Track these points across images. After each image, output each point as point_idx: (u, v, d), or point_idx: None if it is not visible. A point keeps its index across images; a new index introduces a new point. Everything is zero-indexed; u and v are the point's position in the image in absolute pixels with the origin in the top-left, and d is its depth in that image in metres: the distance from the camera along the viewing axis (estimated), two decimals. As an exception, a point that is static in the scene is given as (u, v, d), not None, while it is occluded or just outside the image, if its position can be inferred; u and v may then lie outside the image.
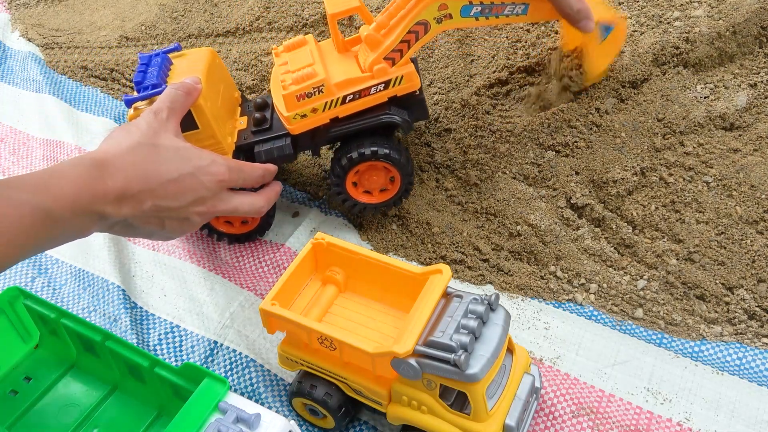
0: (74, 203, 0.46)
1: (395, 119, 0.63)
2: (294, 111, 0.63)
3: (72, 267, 0.73)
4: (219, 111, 0.66)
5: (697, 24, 0.73)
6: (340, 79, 0.62)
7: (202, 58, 0.66)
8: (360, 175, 0.67)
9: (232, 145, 0.67)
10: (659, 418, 0.54)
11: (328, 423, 0.55)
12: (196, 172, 0.53)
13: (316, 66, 0.63)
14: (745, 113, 0.69)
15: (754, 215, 0.64)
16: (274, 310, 0.51)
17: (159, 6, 1.11)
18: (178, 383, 0.52)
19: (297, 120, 0.63)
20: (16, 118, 0.97)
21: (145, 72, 0.64)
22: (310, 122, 0.64)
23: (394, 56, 0.62)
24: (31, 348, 0.62)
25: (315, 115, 0.63)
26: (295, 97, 0.62)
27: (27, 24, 1.16)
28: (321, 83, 0.61)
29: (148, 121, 0.54)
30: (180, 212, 0.53)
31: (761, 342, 0.58)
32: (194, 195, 0.53)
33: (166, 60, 0.66)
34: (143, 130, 0.53)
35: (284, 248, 0.72)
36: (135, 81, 0.63)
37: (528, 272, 0.66)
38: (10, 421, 0.57)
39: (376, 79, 0.62)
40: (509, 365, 0.51)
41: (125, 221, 0.50)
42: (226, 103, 0.69)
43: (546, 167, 0.71)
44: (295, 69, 0.64)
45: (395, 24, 0.61)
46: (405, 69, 0.62)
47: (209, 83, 0.64)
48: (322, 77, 0.61)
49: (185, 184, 0.53)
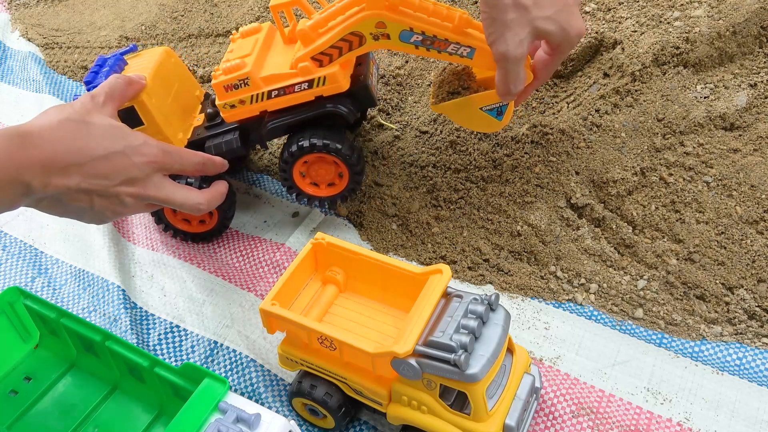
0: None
1: (339, 109, 0.63)
2: (224, 100, 0.63)
3: (72, 267, 0.73)
4: (169, 108, 0.66)
5: (697, 24, 0.73)
6: (267, 73, 0.62)
7: (154, 57, 0.67)
8: (309, 166, 0.67)
9: (184, 141, 0.67)
10: (659, 418, 0.54)
11: (328, 423, 0.55)
12: (126, 151, 0.52)
13: (249, 58, 0.63)
14: (745, 113, 0.69)
15: (754, 215, 0.64)
16: (274, 310, 0.51)
17: (159, 6, 1.11)
18: (178, 383, 0.52)
19: (227, 110, 0.64)
20: (16, 118, 0.97)
21: (98, 72, 0.65)
22: (240, 113, 0.64)
23: (323, 59, 0.60)
24: (31, 348, 0.62)
25: (244, 107, 0.63)
26: (223, 87, 0.62)
27: (27, 24, 1.16)
28: (246, 76, 0.61)
29: (82, 102, 0.54)
30: (109, 190, 0.52)
31: (761, 342, 0.58)
32: (125, 174, 0.52)
33: (119, 60, 0.66)
34: (76, 109, 0.53)
35: (284, 248, 0.72)
36: (85, 81, 0.64)
37: (528, 272, 0.66)
38: (10, 421, 0.57)
39: (300, 77, 0.61)
40: (509, 365, 0.51)
41: (52, 196, 0.50)
42: (181, 100, 0.69)
43: (544, 172, 0.71)
44: (233, 57, 0.63)
45: (331, 27, 0.60)
46: (328, 70, 0.61)
47: (159, 80, 0.65)
48: (247, 70, 0.61)
49: (115, 162, 0.52)
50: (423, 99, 0.83)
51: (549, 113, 0.77)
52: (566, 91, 0.78)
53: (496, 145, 0.73)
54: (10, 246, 0.76)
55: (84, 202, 0.52)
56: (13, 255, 0.75)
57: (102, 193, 0.52)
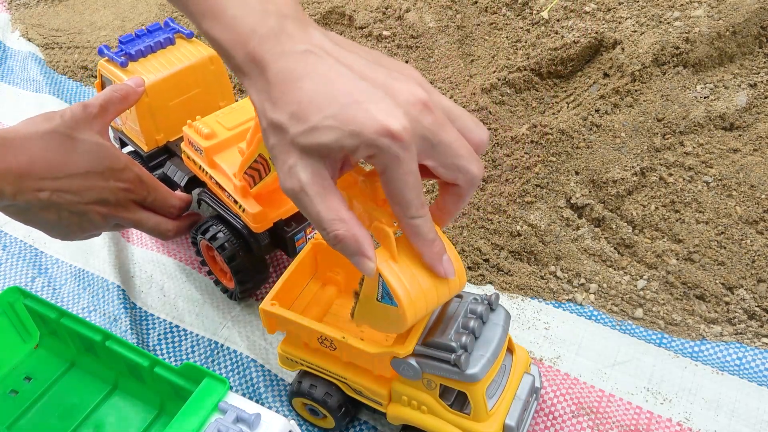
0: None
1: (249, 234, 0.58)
2: (185, 147, 0.62)
3: (72, 267, 0.73)
4: (169, 107, 0.65)
5: (697, 24, 0.73)
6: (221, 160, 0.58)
7: (192, 57, 0.66)
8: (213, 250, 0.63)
9: (157, 142, 0.67)
10: (659, 418, 0.54)
11: (328, 423, 0.55)
12: (105, 173, 0.52)
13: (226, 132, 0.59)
14: (745, 113, 0.69)
15: (754, 215, 0.64)
16: (274, 310, 0.51)
17: (159, 6, 1.11)
18: (178, 383, 0.52)
19: (185, 156, 0.62)
20: (16, 118, 0.97)
21: (141, 37, 0.63)
22: (192, 167, 0.62)
23: (249, 181, 0.56)
24: (31, 348, 0.62)
25: (194, 166, 0.62)
26: (187, 137, 0.60)
27: (27, 24, 1.16)
28: (201, 148, 0.59)
29: (73, 112, 0.53)
30: (79, 207, 0.52)
31: (761, 342, 0.58)
32: (97, 195, 0.52)
33: (169, 39, 0.66)
34: (65, 120, 0.52)
35: (284, 248, 0.72)
36: (120, 39, 0.63)
37: (528, 272, 0.66)
38: (10, 421, 0.56)
39: (234, 190, 0.57)
40: (509, 365, 0.51)
41: (21, 206, 0.49)
42: (195, 106, 0.67)
43: (544, 172, 0.71)
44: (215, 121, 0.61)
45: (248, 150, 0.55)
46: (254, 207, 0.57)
47: (179, 79, 0.64)
48: (206, 144, 0.58)
49: (90, 182, 0.51)
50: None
51: (549, 113, 0.77)
52: (566, 91, 0.78)
53: (496, 145, 0.73)
54: (10, 246, 0.76)
55: (52, 214, 0.51)
56: (13, 255, 0.75)
57: (71, 208, 0.51)
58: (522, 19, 0.86)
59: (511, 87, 0.77)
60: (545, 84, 0.79)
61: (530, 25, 0.83)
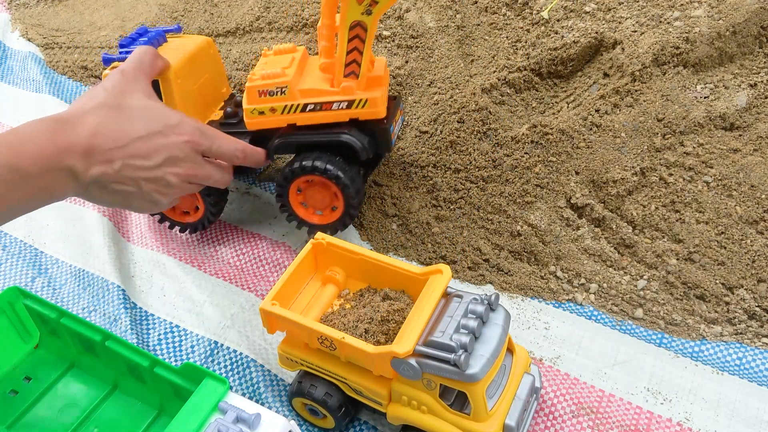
0: (38, 157, 0.46)
1: (353, 141, 0.62)
2: (253, 105, 0.63)
3: (72, 267, 0.73)
4: (192, 93, 0.66)
5: (697, 24, 0.73)
6: (306, 86, 0.62)
7: (193, 43, 0.67)
8: (306, 190, 0.66)
9: None
10: (659, 418, 0.54)
11: (328, 423, 0.55)
12: (165, 131, 0.53)
13: (289, 69, 0.63)
14: (745, 113, 0.69)
15: (754, 215, 0.64)
16: (274, 310, 0.51)
17: (159, 6, 1.11)
18: (178, 383, 0.52)
19: (254, 115, 0.63)
20: (16, 118, 0.97)
21: (135, 40, 0.65)
22: (266, 121, 0.63)
23: (353, 68, 0.60)
24: (31, 348, 0.62)
25: (272, 116, 0.63)
26: (257, 91, 0.62)
27: (27, 24, 1.16)
28: (285, 84, 0.61)
29: (113, 82, 0.54)
30: (154, 172, 0.52)
31: (761, 342, 0.58)
32: (166, 153, 0.53)
33: (160, 36, 0.66)
34: (108, 91, 0.52)
35: (284, 248, 0.72)
36: (120, 43, 0.64)
37: (528, 272, 0.66)
38: (10, 421, 0.56)
39: (341, 95, 0.61)
40: (509, 365, 0.51)
41: (99, 182, 0.50)
42: (207, 90, 0.69)
43: (544, 172, 0.71)
44: (270, 68, 0.63)
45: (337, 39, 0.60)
46: (372, 93, 0.61)
47: (190, 66, 0.65)
48: (288, 79, 0.61)
49: (155, 143, 0.52)
50: (423, 99, 0.83)
51: (549, 113, 0.77)
52: (566, 91, 0.78)
53: (496, 145, 0.73)
54: (10, 246, 0.76)
55: (131, 186, 0.52)
56: (13, 255, 0.75)
57: (146, 175, 0.52)
58: (522, 19, 0.86)
59: (511, 87, 0.77)
60: (545, 84, 0.79)
61: (530, 25, 0.83)
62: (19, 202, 0.46)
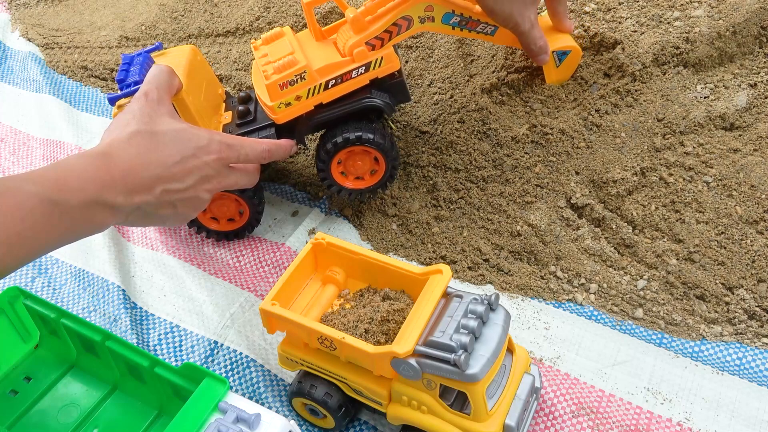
0: (81, 193, 0.46)
1: (377, 102, 0.64)
2: (278, 100, 0.63)
3: (72, 267, 0.73)
4: (202, 105, 0.66)
5: (697, 24, 0.73)
6: (321, 64, 0.63)
7: (183, 55, 0.67)
8: (345, 160, 0.68)
9: None
10: (659, 418, 0.54)
11: (328, 423, 0.55)
12: (197, 153, 0.54)
13: (296, 54, 0.64)
14: (745, 113, 0.69)
15: (754, 215, 0.64)
16: (274, 310, 0.51)
17: (159, 6, 1.11)
18: (178, 383, 0.52)
19: (282, 109, 0.64)
20: (16, 118, 0.98)
21: (128, 71, 0.65)
22: (295, 110, 0.64)
23: (376, 43, 0.63)
24: (31, 348, 0.62)
25: (299, 103, 0.64)
26: (278, 86, 0.62)
27: (27, 24, 1.16)
28: (303, 70, 0.62)
29: (140, 107, 0.55)
30: (189, 192, 0.54)
31: (761, 342, 0.58)
32: (199, 174, 0.54)
33: (147, 59, 0.67)
34: (138, 117, 0.54)
35: (284, 248, 0.72)
36: (118, 80, 0.65)
37: (528, 272, 0.66)
38: (10, 421, 0.57)
39: (357, 62, 0.63)
40: (509, 365, 0.51)
41: (140, 209, 0.51)
42: (210, 98, 0.70)
43: (544, 172, 0.71)
44: (275, 59, 0.64)
45: (383, 13, 0.63)
46: (384, 51, 0.64)
47: (191, 79, 0.65)
48: (303, 64, 0.62)
49: (189, 165, 0.54)
50: (423, 99, 0.82)
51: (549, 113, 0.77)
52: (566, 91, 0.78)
53: (496, 145, 0.73)
54: (10, 246, 0.76)
55: (168, 209, 0.53)
56: (13, 255, 0.75)
57: (182, 196, 0.54)
58: (522, 19, 0.86)
59: (511, 87, 0.77)
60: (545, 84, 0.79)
61: (530, 25, 0.83)
62: (60, 235, 0.46)
